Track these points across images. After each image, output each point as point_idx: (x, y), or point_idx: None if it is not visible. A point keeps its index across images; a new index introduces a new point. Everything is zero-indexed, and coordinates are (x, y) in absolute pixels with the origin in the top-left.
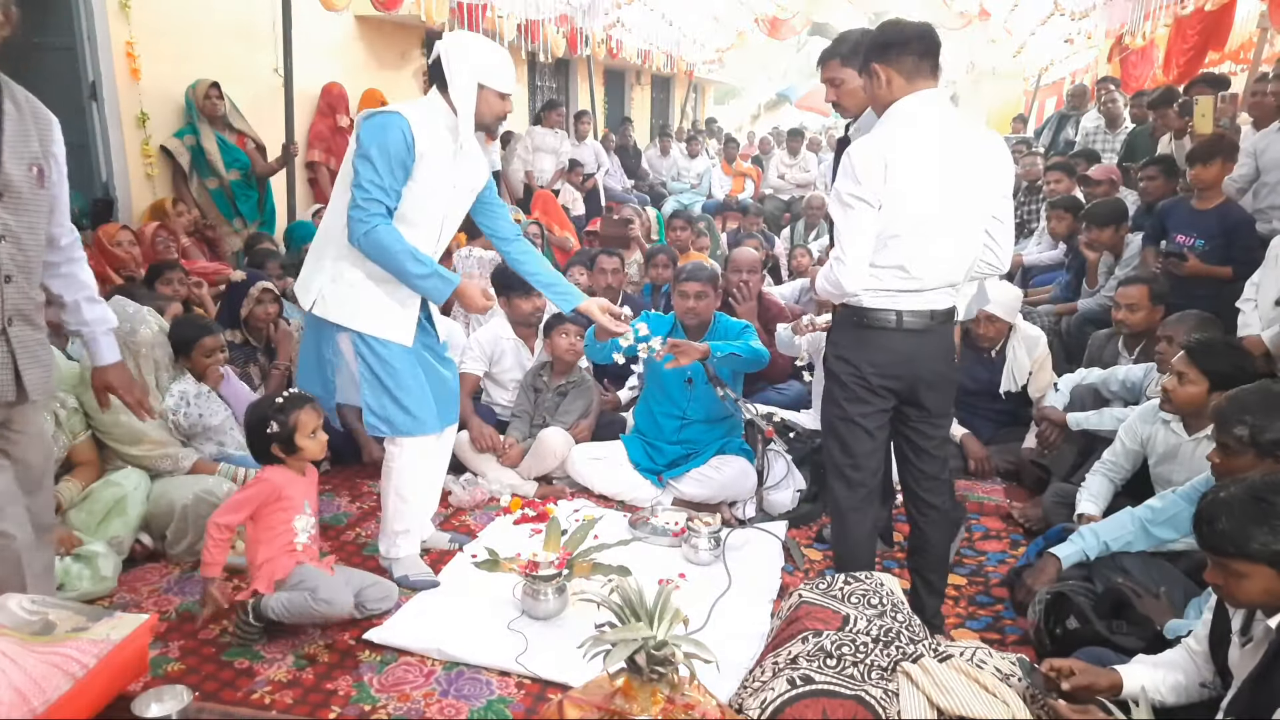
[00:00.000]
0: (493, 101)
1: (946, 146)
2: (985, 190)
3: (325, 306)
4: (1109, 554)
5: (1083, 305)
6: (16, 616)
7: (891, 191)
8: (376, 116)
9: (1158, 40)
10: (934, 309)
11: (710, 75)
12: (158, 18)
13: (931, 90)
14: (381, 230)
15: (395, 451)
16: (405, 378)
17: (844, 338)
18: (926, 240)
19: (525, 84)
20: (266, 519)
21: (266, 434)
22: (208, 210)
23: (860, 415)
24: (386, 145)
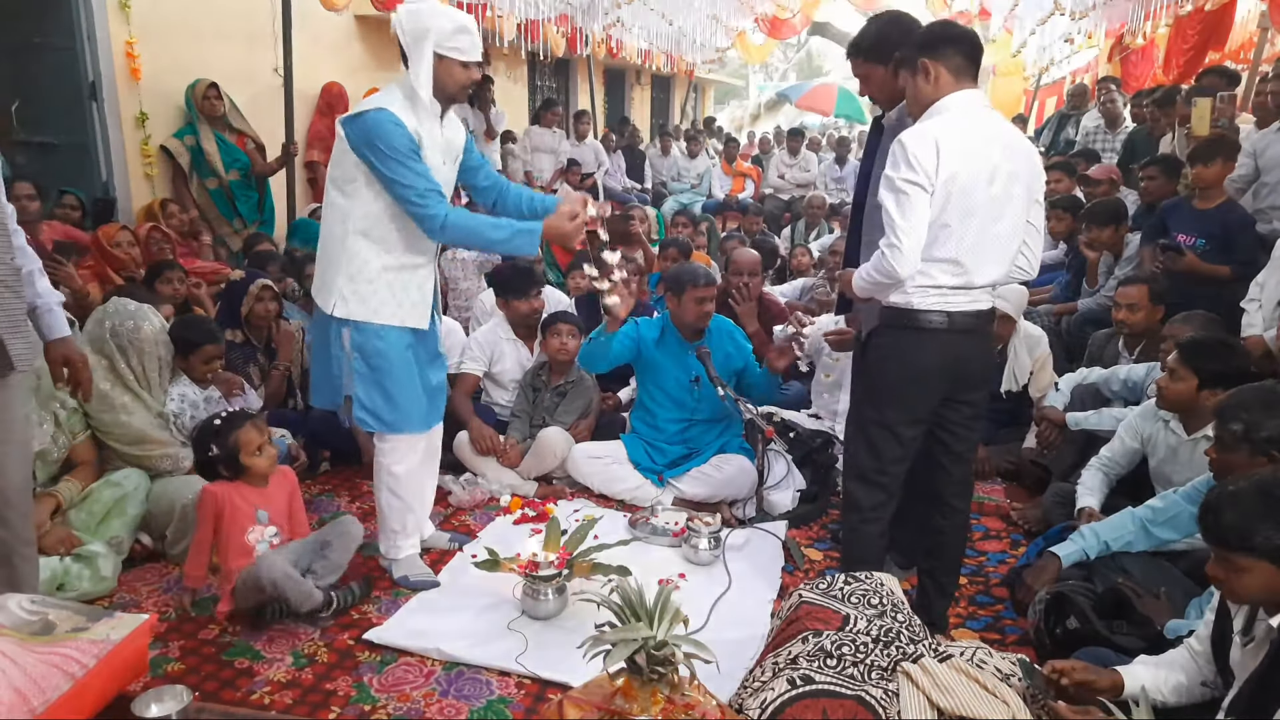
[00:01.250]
0: (455, 71)
1: (994, 143)
2: (1027, 191)
3: (347, 306)
4: (1109, 554)
5: (1083, 305)
6: (16, 616)
7: (944, 178)
8: (364, 118)
9: (1158, 40)
10: (979, 309)
11: (710, 75)
12: (158, 18)
13: (976, 91)
14: (453, 216)
15: (385, 449)
16: (399, 373)
17: (892, 341)
18: (978, 232)
19: (525, 84)
20: (220, 533)
21: (211, 456)
22: (207, 210)
23: (898, 422)
24: (395, 142)
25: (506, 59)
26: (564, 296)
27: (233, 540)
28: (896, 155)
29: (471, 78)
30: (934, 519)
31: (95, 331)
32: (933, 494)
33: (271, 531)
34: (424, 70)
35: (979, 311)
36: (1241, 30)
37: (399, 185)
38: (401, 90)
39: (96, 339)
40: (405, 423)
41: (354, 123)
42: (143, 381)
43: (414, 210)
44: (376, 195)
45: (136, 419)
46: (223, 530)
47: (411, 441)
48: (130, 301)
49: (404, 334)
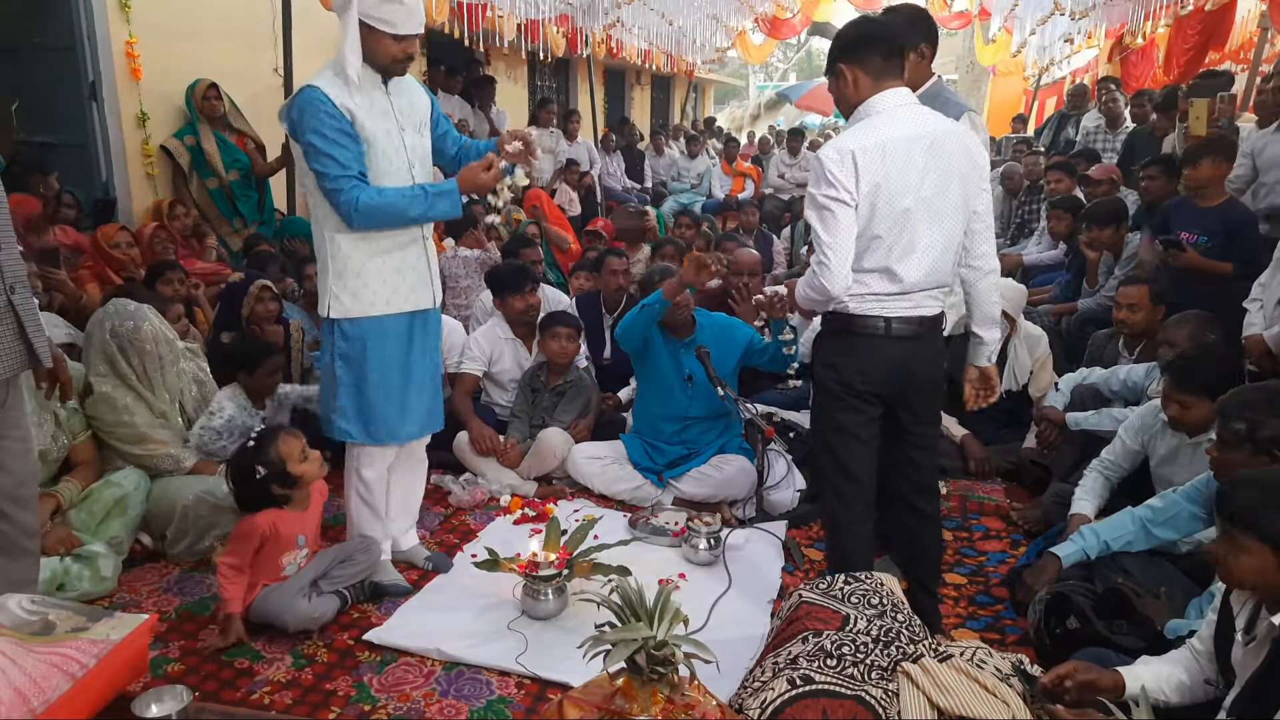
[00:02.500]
0: (385, 44)
1: (919, 142)
2: (963, 184)
3: (341, 304)
4: (1109, 554)
5: (1083, 305)
6: (16, 616)
7: (866, 190)
8: (292, 100)
9: (1158, 40)
10: (923, 315)
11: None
12: (158, 18)
13: (899, 89)
14: (362, 197)
15: (355, 453)
16: (379, 381)
17: (831, 346)
18: (909, 239)
19: (525, 84)
20: (259, 556)
21: (258, 480)
22: (207, 210)
23: (852, 424)
24: (316, 124)
25: (506, 59)
26: (563, 296)
27: (268, 563)
28: (816, 172)
29: (406, 51)
30: (906, 521)
31: (96, 333)
32: (899, 497)
33: (303, 554)
34: (349, 41)
35: (922, 318)
36: (1241, 30)
37: (316, 173)
38: (331, 66)
39: (97, 340)
40: (377, 430)
41: (289, 108)
42: (144, 381)
43: (329, 198)
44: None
45: (138, 419)
46: (262, 554)
47: (384, 452)
48: (129, 302)
49: (400, 324)
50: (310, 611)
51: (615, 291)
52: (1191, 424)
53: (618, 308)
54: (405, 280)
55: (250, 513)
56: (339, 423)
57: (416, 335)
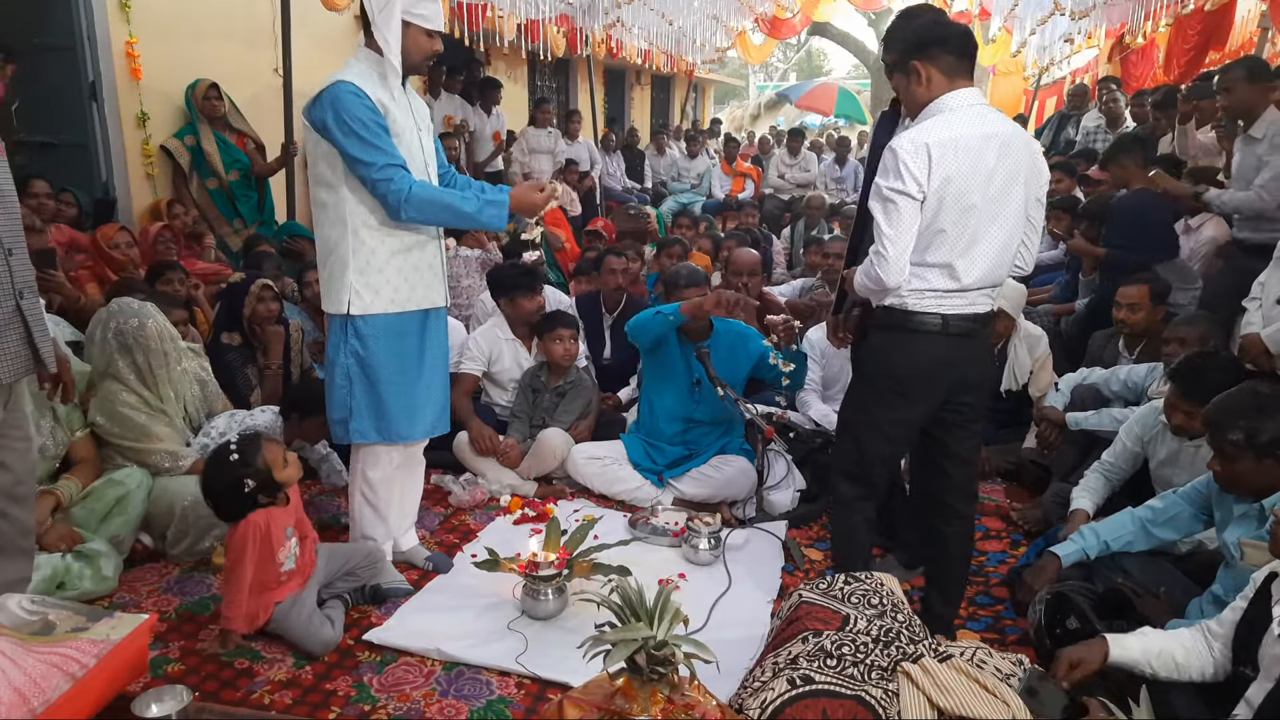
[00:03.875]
0: (420, 39)
1: (990, 143)
2: (1026, 188)
3: (362, 300)
4: (1109, 554)
5: (1079, 306)
6: (16, 616)
7: (937, 184)
8: (322, 95)
9: (1158, 40)
10: (977, 313)
11: (710, 75)
12: (158, 18)
13: (971, 89)
14: (416, 189)
15: (363, 454)
16: (393, 379)
17: (884, 340)
18: (972, 237)
19: (525, 84)
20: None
21: (247, 492)
22: (207, 210)
23: (885, 422)
24: (357, 115)
25: (507, 59)
26: (564, 296)
27: (264, 563)
28: (888, 163)
29: (434, 48)
30: (937, 525)
31: (99, 331)
32: (935, 498)
33: (295, 544)
34: (393, 36)
35: (976, 315)
36: (1242, 30)
37: (359, 163)
38: (361, 63)
39: (100, 339)
40: (387, 429)
41: (316, 103)
42: (148, 379)
43: (375, 187)
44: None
45: (139, 417)
46: (258, 556)
47: (391, 452)
48: (133, 300)
49: (414, 322)
50: (335, 637)
51: (614, 291)
52: (1197, 431)
53: (617, 308)
54: (422, 278)
55: (232, 520)
56: (353, 424)
57: (430, 333)
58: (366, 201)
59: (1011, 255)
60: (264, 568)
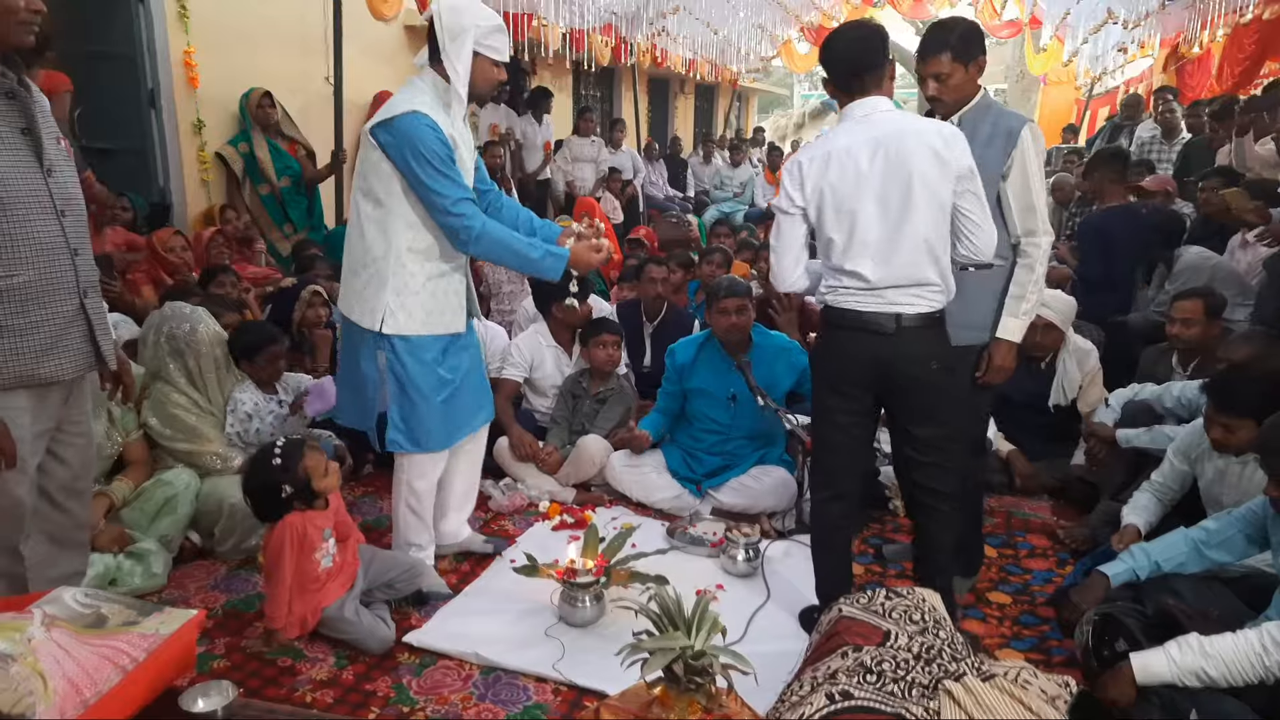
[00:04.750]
0: (488, 70)
1: (864, 149)
2: (926, 184)
3: (396, 321)
4: (1160, 574)
5: (1132, 320)
6: (71, 609)
7: (813, 197)
8: (398, 122)
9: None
10: (900, 312)
11: (754, 84)
12: (215, 27)
13: (872, 98)
14: (488, 228)
15: (406, 464)
16: (427, 391)
17: (821, 338)
18: (861, 240)
19: (570, 93)
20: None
21: (283, 498)
22: (259, 216)
23: (833, 407)
24: (431, 148)
25: (552, 68)
26: (605, 304)
27: (305, 566)
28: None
29: (500, 78)
30: (917, 516)
31: (151, 335)
32: (911, 491)
33: (333, 544)
34: (463, 67)
35: (899, 314)
36: None
37: (434, 193)
38: (429, 88)
39: (152, 342)
40: (429, 440)
41: (388, 128)
42: (199, 382)
43: (447, 220)
44: (417, 203)
45: (190, 419)
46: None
47: (433, 457)
48: (185, 305)
49: (440, 342)
50: (390, 634)
51: (655, 300)
52: (1237, 446)
53: (658, 316)
54: (450, 304)
55: (269, 521)
56: (390, 434)
57: (453, 347)
58: (415, 227)
59: (928, 255)
60: (303, 568)
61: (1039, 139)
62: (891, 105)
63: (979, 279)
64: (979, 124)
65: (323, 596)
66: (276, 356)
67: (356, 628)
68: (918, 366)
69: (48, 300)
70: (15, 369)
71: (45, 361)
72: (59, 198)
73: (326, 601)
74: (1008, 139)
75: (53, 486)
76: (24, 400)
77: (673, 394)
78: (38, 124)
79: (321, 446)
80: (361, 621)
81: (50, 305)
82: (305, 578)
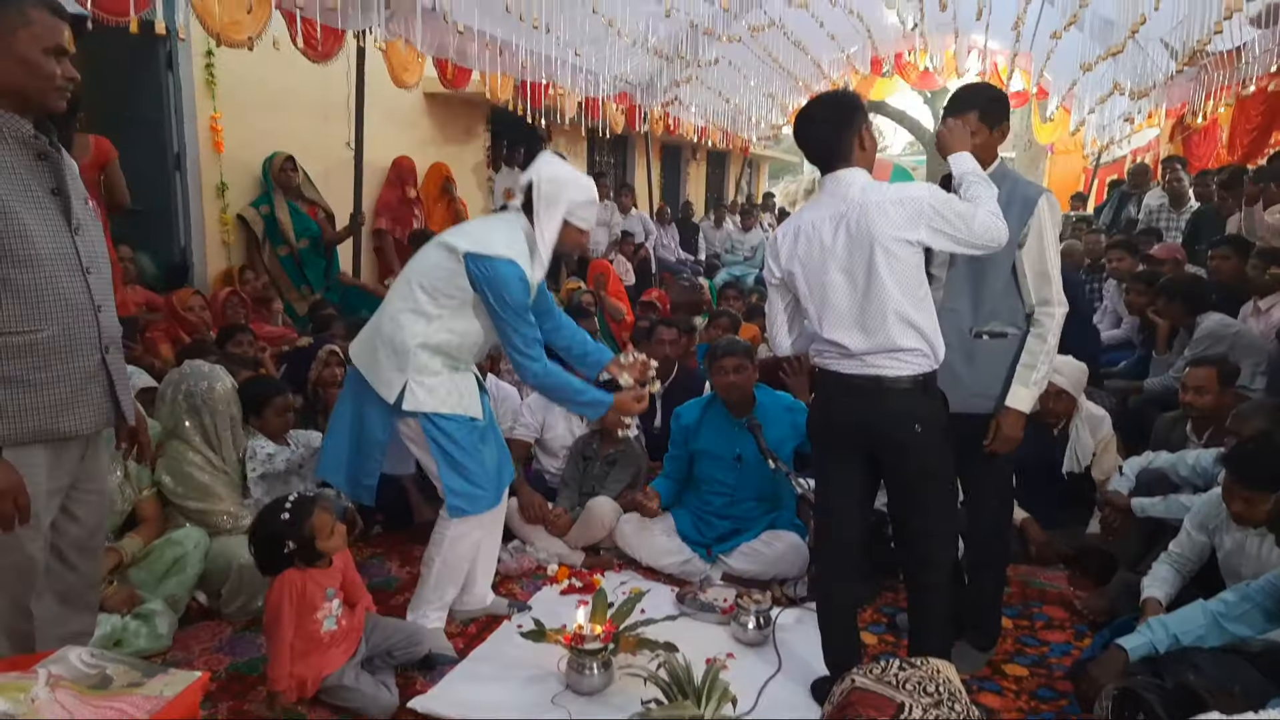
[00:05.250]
0: (574, 235)
1: (832, 220)
2: (886, 251)
3: (415, 399)
4: (1180, 648)
5: (1148, 385)
6: (76, 669)
7: (788, 270)
8: (495, 265)
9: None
10: (880, 375)
11: (765, 151)
12: (242, 94)
13: (841, 171)
14: (551, 370)
15: (451, 525)
16: (473, 452)
17: (815, 396)
18: (836, 311)
19: (584, 159)
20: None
21: (284, 552)
22: (278, 276)
23: (829, 470)
24: (519, 298)
25: (567, 135)
26: None
27: (305, 627)
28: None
29: (583, 242)
30: (912, 574)
31: (170, 393)
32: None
33: (337, 605)
34: (551, 232)
35: (880, 377)
36: None
37: (511, 331)
38: (522, 236)
39: (170, 399)
40: (487, 498)
41: (484, 263)
42: (214, 440)
43: (518, 356)
44: (468, 320)
45: (203, 477)
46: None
47: (481, 518)
48: (204, 363)
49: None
50: (393, 700)
51: (665, 361)
52: (1259, 519)
53: (668, 378)
54: (470, 387)
55: (269, 574)
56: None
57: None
58: (455, 334)
59: (900, 321)
60: (304, 628)
61: (1056, 209)
62: (865, 177)
63: (991, 347)
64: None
65: (324, 662)
66: (284, 408)
67: (358, 696)
68: (901, 429)
69: (70, 355)
70: (34, 423)
71: (65, 416)
72: (85, 255)
73: (328, 668)
74: (1024, 207)
75: (65, 544)
76: (41, 457)
77: (679, 458)
78: (67, 184)
79: (333, 507)
80: (363, 688)
81: (72, 360)
82: (307, 639)
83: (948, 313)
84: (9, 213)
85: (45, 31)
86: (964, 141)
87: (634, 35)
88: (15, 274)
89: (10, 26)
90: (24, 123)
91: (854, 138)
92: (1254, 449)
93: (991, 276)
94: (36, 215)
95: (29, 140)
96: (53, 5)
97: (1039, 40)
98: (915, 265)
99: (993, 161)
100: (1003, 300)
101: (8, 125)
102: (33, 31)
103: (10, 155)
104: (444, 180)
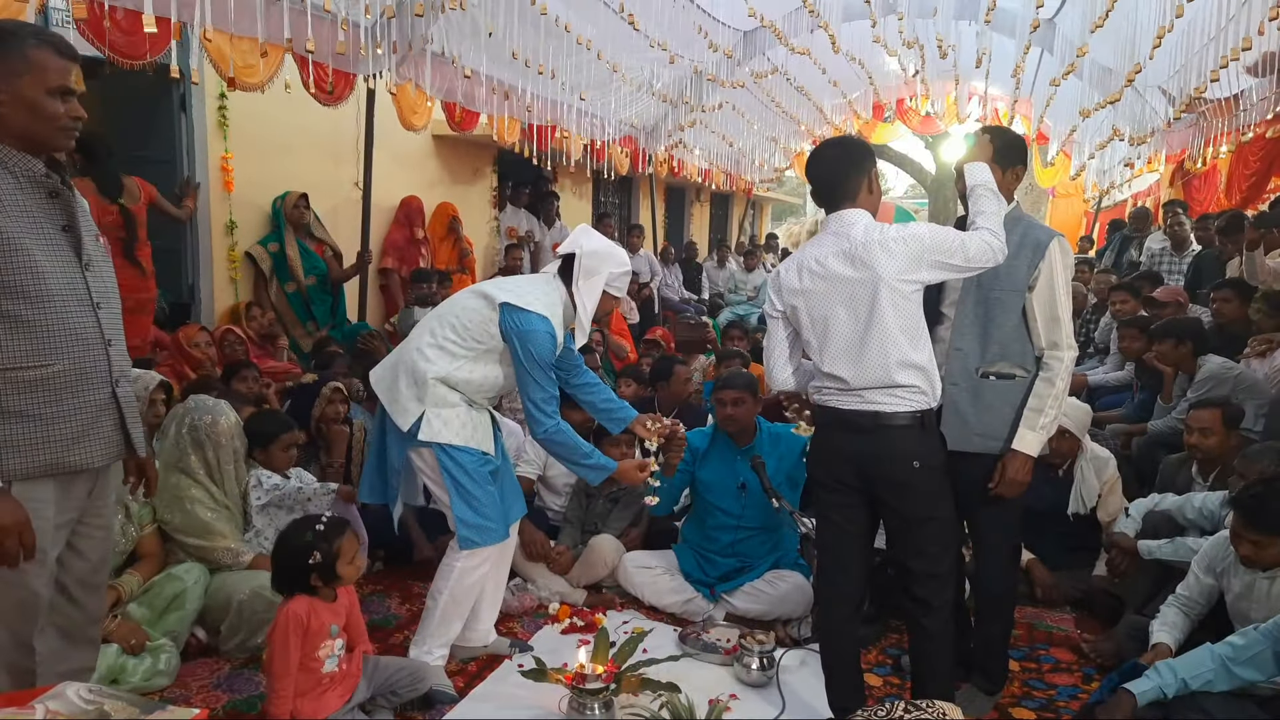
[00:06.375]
0: (609, 303)
1: (836, 258)
2: (890, 289)
3: (430, 430)
4: (1188, 693)
5: (1153, 427)
6: (73, 705)
7: (790, 304)
8: (530, 320)
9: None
10: (878, 410)
11: (768, 193)
12: (253, 135)
13: (843, 211)
14: (563, 429)
15: (460, 559)
16: (484, 484)
17: (815, 432)
18: (836, 345)
19: (590, 200)
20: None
21: (309, 564)
22: (284, 313)
23: (827, 505)
24: (545, 354)
25: (572, 176)
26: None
27: (307, 660)
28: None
29: (614, 309)
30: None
31: (173, 427)
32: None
33: (340, 645)
34: (590, 300)
35: (877, 413)
36: None
37: (533, 385)
38: (559, 301)
39: (174, 434)
40: (496, 532)
41: (518, 316)
42: (216, 475)
43: (534, 410)
44: (490, 366)
45: (206, 513)
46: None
47: (487, 551)
48: (208, 398)
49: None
50: None
51: (670, 398)
52: (1267, 562)
53: (671, 414)
54: (484, 420)
55: (282, 592)
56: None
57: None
58: (478, 375)
59: (905, 358)
60: (305, 664)
61: (1067, 254)
62: (868, 218)
63: (998, 388)
64: (1008, 234)
65: (320, 705)
66: (290, 444)
67: None
68: (897, 466)
69: (81, 389)
70: (45, 456)
71: (75, 449)
72: (95, 291)
73: (323, 712)
74: (1035, 251)
75: (69, 580)
76: (50, 491)
77: (684, 472)
78: (78, 221)
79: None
80: None
81: (83, 394)
82: (307, 677)
83: (955, 352)
84: (21, 249)
85: (48, 72)
86: (985, 153)
87: (639, 81)
88: (26, 310)
89: (13, 70)
90: (36, 162)
91: (862, 179)
92: (1262, 492)
93: (1001, 318)
94: (48, 252)
95: (40, 179)
96: (58, 45)
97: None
98: (917, 304)
99: (1008, 204)
100: (1012, 342)
101: (19, 164)
102: (35, 73)
103: (22, 194)
104: (450, 219)
